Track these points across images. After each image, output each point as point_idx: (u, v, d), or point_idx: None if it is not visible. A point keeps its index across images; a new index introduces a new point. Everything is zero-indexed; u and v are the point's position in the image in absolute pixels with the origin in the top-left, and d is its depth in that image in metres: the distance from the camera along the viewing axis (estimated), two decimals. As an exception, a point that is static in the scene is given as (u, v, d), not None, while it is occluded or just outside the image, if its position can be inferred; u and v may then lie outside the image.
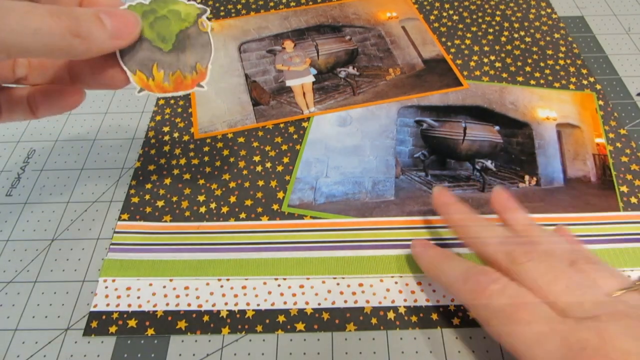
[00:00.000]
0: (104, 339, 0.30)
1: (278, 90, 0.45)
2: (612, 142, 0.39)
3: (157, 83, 0.25)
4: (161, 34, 0.24)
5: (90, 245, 0.35)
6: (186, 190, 0.37)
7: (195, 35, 0.25)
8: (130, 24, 0.22)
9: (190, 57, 0.25)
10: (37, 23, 0.18)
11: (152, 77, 0.25)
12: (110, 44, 0.22)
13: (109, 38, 0.21)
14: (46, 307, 0.32)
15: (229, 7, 0.54)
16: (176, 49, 0.25)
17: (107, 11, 0.21)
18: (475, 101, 0.43)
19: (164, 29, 0.24)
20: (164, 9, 0.24)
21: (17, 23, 0.18)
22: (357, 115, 0.42)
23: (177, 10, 0.25)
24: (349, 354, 0.29)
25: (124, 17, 0.22)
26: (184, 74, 0.25)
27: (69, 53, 0.20)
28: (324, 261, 0.33)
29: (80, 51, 0.21)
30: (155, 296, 0.31)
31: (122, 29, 0.22)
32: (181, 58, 0.25)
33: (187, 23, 0.25)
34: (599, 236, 0.33)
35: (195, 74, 0.25)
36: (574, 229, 0.34)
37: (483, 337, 0.29)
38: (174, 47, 0.25)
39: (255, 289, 0.32)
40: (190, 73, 0.25)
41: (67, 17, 0.19)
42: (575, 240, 0.29)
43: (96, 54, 0.22)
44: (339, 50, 0.48)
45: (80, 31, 0.20)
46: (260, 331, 0.30)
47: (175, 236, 0.34)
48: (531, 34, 0.49)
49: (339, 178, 0.38)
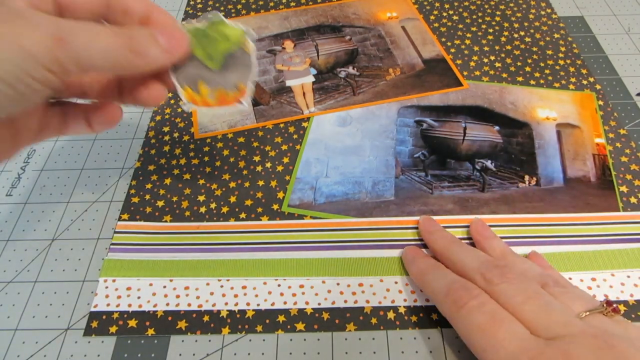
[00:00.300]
0: (104, 338, 0.30)
1: (278, 90, 0.45)
2: (611, 142, 0.39)
3: (202, 98, 0.27)
4: (210, 53, 0.26)
5: (91, 245, 0.35)
6: (186, 190, 0.37)
7: (240, 56, 0.27)
8: (181, 41, 0.25)
9: (234, 76, 0.27)
10: (104, 42, 0.21)
11: (198, 92, 0.27)
12: (163, 58, 0.24)
13: (162, 53, 0.24)
14: (46, 307, 0.32)
15: (229, 7, 0.54)
16: (222, 67, 0.27)
17: (160, 30, 0.24)
18: (475, 101, 0.43)
19: (212, 49, 0.27)
20: (214, 32, 0.27)
21: (89, 42, 0.21)
22: (357, 115, 0.42)
23: (225, 33, 0.27)
24: (349, 353, 0.29)
25: (174, 35, 0.25)
26: (227, 91, 0.27)
27: (128, 68, 0.23)
28: (324, 261, 0.33)
29: (138, 65, 0.23)
30: (155, 296, 0.31)
31: (173, 45, 0.24)
32: (226, 76, 0.27)
33: (234, 45, 0.27)
34: (599, 236, 0.33)
35: (237, 91, 0.27)
36: (573, 229, 0.34)
37: (483, 337, 0.29)
38: (220, 66, 0.27)
39: (255, 289, 0.32)
40: (232, 90, 0.27)
41: (127, 36, 0.22)
42: (547, 265, 0.31)
43: (152, 68, 0.24)
44: (339, 50, 0.48)
45: (138, 48, 0.23)
46: (260, 331, 0.30)
47: (176, 236, 0.34)
48: (531, 34, 0.49)
49: (339, 178, 0.38)
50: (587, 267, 0.32)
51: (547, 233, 0.34)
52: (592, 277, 0.32)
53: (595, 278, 0.32)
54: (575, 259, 0.32)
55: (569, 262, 0.32)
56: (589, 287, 0.31)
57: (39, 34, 0.19)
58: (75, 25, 0.21)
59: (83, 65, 0.21)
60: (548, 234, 0.34)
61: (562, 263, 0.32)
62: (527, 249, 0.33)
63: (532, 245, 0.33)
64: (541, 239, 0.33)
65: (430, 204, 0.36)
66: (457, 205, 0.36)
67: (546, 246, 0.33)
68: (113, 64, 0.22)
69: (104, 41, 0.21)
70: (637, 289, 0.31)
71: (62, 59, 0.20)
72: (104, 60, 0.22)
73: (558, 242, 0.33)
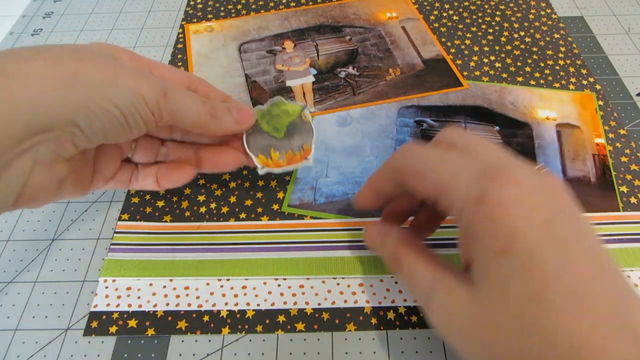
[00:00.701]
0: (104, 339, 0.30)
1: (278, 91, 0.45)
2: (611, 142, 0.39)
3: (274, 161, 0.32)
4: (275, 127, 0.33)
5: (91, 245, 0.35)
6: (186, 190, 0.37)
7: (300, 124, 0.33)
8: (248, 116, 0.31)
9: (298, 140, 0.33)
10: (194, 104, 0.28)
11: (270, 157, 0.32)
12: (233, 126, 0.31)
13: (233, 123, 0.30)
14: (46, 307, 0.32)
15: (229, 7, 0.54)
16: (287, 135, 0.33)
17: (234, 106, 0.31)
18: (475, 101, 0.43)
19: (277, 123, 0.33)
20: (277, 110, 0.33)
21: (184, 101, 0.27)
22: (357, 116, 0.42)
23: (286, 109, 0.33)
24: (349, 354, 0.29)
25: (244, 110, 0.31)
26: (294, 152, 0.33)
27: (205, 128, 0.29)
28: (324, 261, 0.33)
29: (213, 129, 0.30)
30: (155, 296, 0.31)
31: (242, 118, 0.31)
32: (291, 142, 0.33)
33: (294, 117, 0.33)
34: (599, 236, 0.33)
35: (303, 151, 0.33)
36: (573, 229, 0.34)
37: (483, 337, 0.29)
38: (285, 135, 0.33)
39: (255, 289, 0.32)
40: (298, 151, 0.33)
41: (210, 105, 0.29)
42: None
43: (224, 132, 0.30)
44: (339, 51, 0.48)
45: (216, 115, 0.29)
46: (260, 331, 0.30)
47: (176, 236, 0.34)
48: (531, 34, 0.49)
49: (339, 178, 0.38)
50: (587, 267, 0.32)
51: (547, 233, 0.34)
52: (592, 277, 0.32)
53: (595, 278, 0.32)
54: (575, 259, 0.32)
55: (569, 262, 0.32)
56: (589, 287, 0.31)
57: (153, 88, 0.25)
58: (177, 87, 0.27)
59: (175, 117, 0.27)
60: (548, 234, 0.34)
61: (562, 263, 0.32)
62: (527, 249, 0.33)
63: (532, 245, 0.33)
64: (541, 239, 0.33)
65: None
66: (457, 205, 0.36)
67: (546, 246, 0.33)
68: (195, 122, 0.28)
69: (194, 104, 0.28)
70: (637, 289, 0.31)
71: (162, 108, 0.26)
72: (190, 117, 0.28)
73: (558, 242, 0.33)
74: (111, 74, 0.24)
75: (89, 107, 0.23)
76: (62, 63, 0.23)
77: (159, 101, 0.26)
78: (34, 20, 0.56)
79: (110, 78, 0.24)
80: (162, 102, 0.26)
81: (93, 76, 0.23)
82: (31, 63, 0.22)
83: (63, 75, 0.22)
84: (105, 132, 0.25)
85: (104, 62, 0.24)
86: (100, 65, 0.24)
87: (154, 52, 0.50)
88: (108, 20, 0.55)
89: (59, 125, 0.23)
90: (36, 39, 0.53)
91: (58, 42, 0.52)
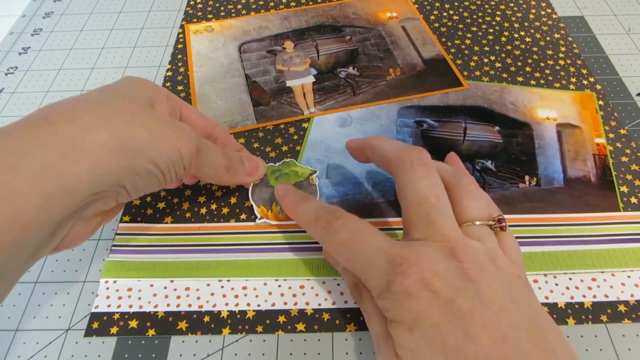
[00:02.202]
0: (105, 339, 0.30)
1: (278, 91, 0.45)
2: (612, 142, 0.39)
3: (274, 214, 0.35)
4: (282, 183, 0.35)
5: (92, 246, 0.35)
6: (187, 191, 0.37)
7: (306, 186, 0.36)
8: (259, 168, 0.34)
9: None
10: (217, 160, 0.30)
11: (270, 210, 0.35)
12: (244, 178, 0.34)
13: (244, 175, 0.33)
14: (47, 307, 0.32)
15: (229, 7, 0.54)
16: None
17: (247, 156, 0.34)
18: (475, 101, 0.43)
19: (284, 181, 0.36)
20: (287, 169, 0.37)
21: (210, 158, 0.29)
22: (358, 116, 0.42)
23: (295, 170, 0.37)
24: (350, 354, 0.29)
25: (256, 162, 0.34)
26: None
27: (220, 180, 0.31)
28: (325, 262, 0.33)
29: (227, 181, 0.32)
30: (156, 297, 0.31)
31: (253, 170, 0.34)
32: None
33: (302, 178, 0.36)
34: (599, 236, 0.33)
35: None
36: (574, 229, 0.34)
37: (483, 338, 0.29)
38: None
39: (255, 290, 0.32)
40: None
41: (228, 158, 0.31)
42: (462, 167, 0.34)
43: (235, 183, 0.35)
44: (339, 51, 0.48)
45: (232, 168, 0.31)
46: (260, 331, 0.30)
47: (176, 237, 0.34)
48: (531, 34, 0.49)
49: (339, 179, 0.38)
50: (587, 267, 0.32)
51: (547, 233, 0.34)
52: (593, 278, 0.32)
53: (595, 278, 0.32)
54: (575, 259, 0.32)
55: (569, 262, 0.32)
56: (589, 287, 0.31)
57: (189, 145, 0.26)
58: (206, 143, 0.29)
59: (199, 170, 0.28)
60: (548, 234, 0.34)
61: (562, 263, 0.32)
62: (527, 249, 0.33)
63: (532, 245, 0.33)
64: (541, 239, 0.33)
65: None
66: (458, 205, 0.36)
67: (546, 246, 0.33)
68: (213, 176, 0.30)
69: (217, 159, 0.30)
70: (637, 289, 0.31)
71: (193, 163, 0.27)
72: (211, 171, 0.30)
73: (558, 242, 0.33)
74: (157, 135, 0.25)
75: (136, 171, 0.24)
76: (118, 129, 0.23)
77: (192, 157, 0.27)
78: (34, 20, 0.56)
79: (155, 139, 0.25)
80: (195, 158, 0.27)
81: (142, 140, 0.24)
82: (92, 132, 0.23)
83: (119, 144, 0.23)
84: (144, 189, 0.26)
85: (149, 119, 0.25)
86: (148, 125, 0.25)
87: (154, 52, 0.50)
88: (108, 20, 0.55)
89: (109, 188, 0.24)
90: (36, 39, 0.53)
91: (58, 42, 0.52)
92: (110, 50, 0.51)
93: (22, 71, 0.49)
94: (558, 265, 0.32)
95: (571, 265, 0.32)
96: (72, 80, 0.48)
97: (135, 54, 0.50)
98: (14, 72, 0.49)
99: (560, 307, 0.31)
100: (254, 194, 0.35)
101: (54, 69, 0.49)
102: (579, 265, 0.32)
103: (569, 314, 0.30)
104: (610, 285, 0.31)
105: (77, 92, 0.47)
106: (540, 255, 0.32)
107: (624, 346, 0.29)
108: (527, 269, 0.32)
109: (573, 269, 0.32)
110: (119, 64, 0.49)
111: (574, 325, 0.30)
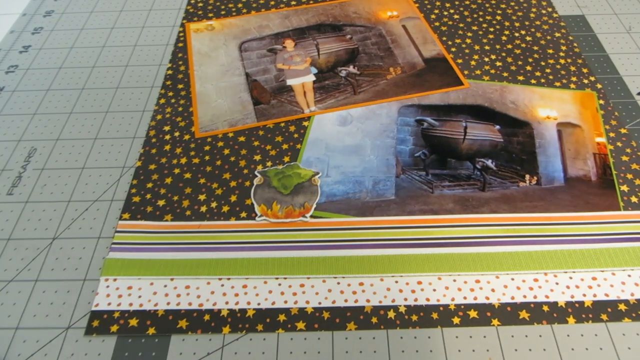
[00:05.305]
0: (105, 338, 0.30)
1: (279, 89, 0.45)
2: (612, 141, 0.39)
3: (273, 212, 0.35)
4: (284, 184, 0.37)
5: (92, 244, 0.35)
6: (187, 189, 0.37)
7: (308, 186, 0.37)
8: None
9: (302, 198, 0.36)
10: None
11: (270, 209, 0.35)
12: None
13: None
14: (47, 306, 0.32)
15: (230, 5, 0.54)
16: (292, 193, 0.36)
17: None
18: (475, 100, 0.43)
19: (287, 182, 0.37)
20: (290, 171, 0.38)
21: None
22: (358, 115, 0.42)
23: (299, 173, 0.37)
24: (350, 352, 0.29)
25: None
26: (295, 208, 0.35)
27: None
28: (325, 260, 0.33)
29: None
30: (156, 295, 0.31)
31: None
32: (294, 198, 0.36)
33: (304, 179, 0.37)
34: (600, 235, 0.33)
35: (303, 208, 0.35)
36: (574, 228, 0.34)
37: (483, 336, 0.29)
38: (291, 192, 0.36)
39: (255, 288, 0.32)
40: (299, 208, 0.35)
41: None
42: None
43: None
44: (340, 49, 0.48)
45: None
46: (260, 330, 0.30)
47: (176, 235, 0.34)
48: (532, 33, 0.49)
49: (339, 177, 0.38)
50: (588, 266, 0.32)
51: (547, 232, 0.34)
52: (593, 277, 0.32)
53: (596, 277, 0.32)
54: (576, 258, 0.32)
55: (570, 261, 0.32)
56: (589, 286, 0.31)
57: None
58: None
59: None
60: (549, 233, 0.34)
61: (563, 262, 0.32)
62: (528, 248, 0.33)
63: (532, 245, 0.33)
64: (542, 238, 0.33)
65: (431, 203, 0.36)
66: (458, 204, 0.36)
67: (547, 245, 0.33)
68: None
69: None
70: (637, 287, 0.31)
71: None
72: None
73: (559, 242, 0.33)
74: None
75: None
76: None
77: None
78: (34, 18, 0.56)
79: None
80: None
81: None
82: None
83: None
84: None
85: None
86: None
87: (155, 50, 0.50)
88: (109, 19, 0.55)
89: None
90: (37, 37, 0.53)
91: (58, 40, 0.52)
92: (110, 49, 0.51)
93: (22, 70, 0.49)
94: (558, 264, 0.32)
95: (572, 264, 0.32)
96: (72, 78, 0.48)
97: (136, 53, 0.50)
98: (15, 70, 0.49)
99: (561, 306, 0.31)
100: (256, 194, 0.36)
101: (55, 68, 0.49)
102: (580, 264, 0.32)
103: (569, 313, 0.30)
104: (611, 284, 0.31)
105: (77, 90, 0.47)
106: (541, 255, 0.32)
107: (624, 345, 0.29)
108: (528, 268, 0.32)
109: (573, 268, 0.32)
110: (119, 63, 0.49)
111: (574, 324, 0.30)
